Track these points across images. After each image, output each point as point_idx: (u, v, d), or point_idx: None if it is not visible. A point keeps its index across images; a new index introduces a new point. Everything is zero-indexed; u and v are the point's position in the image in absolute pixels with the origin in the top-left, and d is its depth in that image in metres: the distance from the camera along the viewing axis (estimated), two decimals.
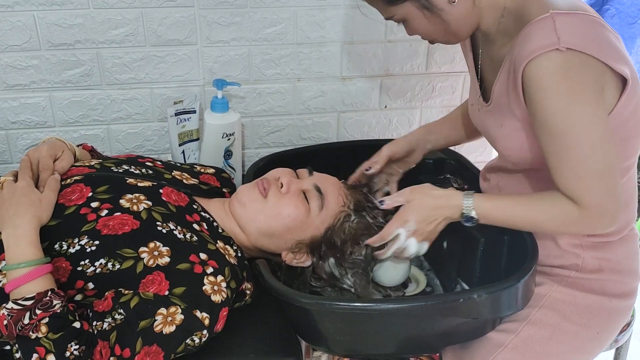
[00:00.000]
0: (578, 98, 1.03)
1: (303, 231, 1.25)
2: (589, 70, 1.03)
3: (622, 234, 1.25)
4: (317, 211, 1.25)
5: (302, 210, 1.24)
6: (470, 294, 1.11)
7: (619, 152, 1.12)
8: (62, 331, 0.97)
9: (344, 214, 1.27)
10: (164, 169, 1.32)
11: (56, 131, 1.67)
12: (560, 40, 1.00)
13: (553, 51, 1.01)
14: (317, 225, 1.25)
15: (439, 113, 1.89)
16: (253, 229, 1.25)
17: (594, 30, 1.05)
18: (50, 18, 1.53)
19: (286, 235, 1.25)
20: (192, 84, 1.69)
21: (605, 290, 1.24)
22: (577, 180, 1.06)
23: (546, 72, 1.02)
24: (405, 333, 1.17)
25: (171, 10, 1.59)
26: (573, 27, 1.03)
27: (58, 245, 1.08)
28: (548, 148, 1.08)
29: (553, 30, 1.02)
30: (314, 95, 1.78)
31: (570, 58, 1.01)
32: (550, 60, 1.02)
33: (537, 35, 1.03)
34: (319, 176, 1.31)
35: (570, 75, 1.02)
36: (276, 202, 1.24)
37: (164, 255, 1.09)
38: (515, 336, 1.21)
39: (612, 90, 1.07)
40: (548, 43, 1.01)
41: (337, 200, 1.28)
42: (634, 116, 1.12)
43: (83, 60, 1.60)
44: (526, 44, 1.04)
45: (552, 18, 1.03)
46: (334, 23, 1.70)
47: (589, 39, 1.03)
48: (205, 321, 1.05)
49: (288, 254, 1.25)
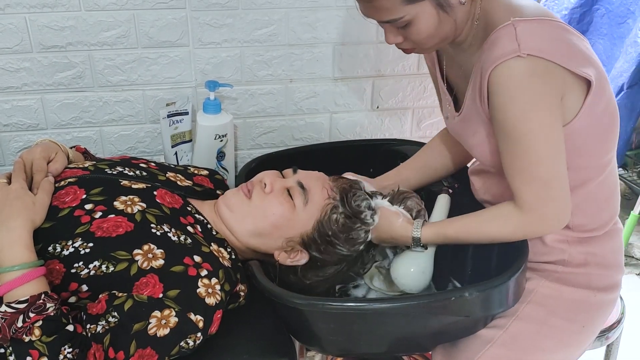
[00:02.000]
0: (536, 105, 1.07)
1: (291, 228, 1.25)
2: (550, 76, 1.06)
3: (606, 228, 1.28)
4: (302, 206, 1.26)
5: (286, 207, 1.25)
6: (462, 292, 1.12)
7: (597, 150, 1.18)
8: (56, 334, 0.97)
9: (330, 206, 1.27)
10: (158, 170, 1.33)
11: (48, 133, 1.67)
12: (520, 46, 1.04)
13: (514, 58, 1.04)
14: (304, 220, 1.26)
15: (430, 113, 1.90)
16: (242, 231, 1.25)
17: (555, 35, 1.09)
18: (41, 20, 1.53)
19: (275, 234, 1.25)
20: (185, 86, 1.70)
21: (591, 284, 1.26)
22: (524, 183, 1.13)
23: (508, 78, 1.06)
24: (397, 332, 1.18)
25: (163, 12, 1.59)
26: (533, 33, 1.06)
27: (52, 248, 1.08)
28: (502, 148, 1.14)
29: (514, 37, 1.05)
30: (306, 96, 1.79)
31: (531, 64, 1.05)
32: (512, 66, 1.05)
33: (500, 42, 1.07)
34: (302, 173, 1.32)
35: (531, 82, 1.06)
36: (260, 202, 1.25)
37: (158, 257, 1.09)
38: (504, 332, 1.23)
39: (576, 93, 1.11)
40: (509, 50, 1.05)
41: (321, 194, 1.28)
42: (607, 113, 1.16)
43: (75, 63, 1.60)
44: (490, 52, 1.08)
45: (513, 25, 1.06)
46: (326, 24, 1.70)
47: (550, 45, 1.06)
48: (199, 324, 1.06)
49: (281, 253, 1.26)
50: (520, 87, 1.06)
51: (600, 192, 1.24)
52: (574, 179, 1.19)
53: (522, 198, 1.13)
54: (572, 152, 1.15)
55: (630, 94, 2.26)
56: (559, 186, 1.13)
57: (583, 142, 1.16)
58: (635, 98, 2.27)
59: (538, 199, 1.13)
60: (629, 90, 2.25)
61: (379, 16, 1.12)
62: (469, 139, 1.27)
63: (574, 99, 1.11)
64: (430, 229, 1.24)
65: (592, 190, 1.23)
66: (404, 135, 1.92)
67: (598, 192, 1.24)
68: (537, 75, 1.06)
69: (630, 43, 2.21)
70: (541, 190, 1.12)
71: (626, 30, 2.26)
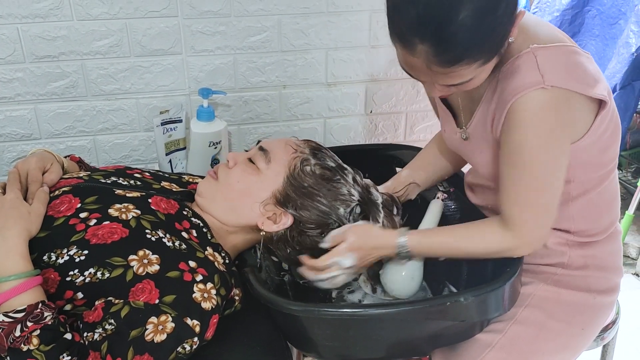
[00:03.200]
0: (554, 136, 1.09)
1: (261, 190, 1.26)
2: (570, 106, 1.08)
3: (607, 232, 1.28)
4: (265, 166, 1.27)
5: (249, 171, 1.27)
6: (457, 297, 1.12)
7: (600, 162, 1.20)
8: (54, 343, 0.97)
9: (299, 159, 1.28)
10: (152, 179, 1.33)
11: (42, 143, 1.67)
12: (544, 78, 1.04)
13: (539, 89, 1.05)
14: (271, 178, 1.27)
15: (424, 117, 1.91)
16: (218, 212, 1.27)
17: (572, 62, 1.09)
18: (33, 31, 1.54)
19: (247, 201, 1.26)
20: (178, 94, 1.70)
21: (590, 287, 1.27)
22: (519, 207, 1.14)
23: (531, 109, 1.07)
24: (394, 337, 1.18)
25: (155, 21, 1.59)
26: (554, 63, 1.07)
27: (47, 257, 1.08)
28: (506, 171, 1.15)
29: (536, 67, 1.06)
30: (299, 102, 1.80)
31: (555, 96, 1.06)
32: (536, 98, 1.06)
33: (522, 71, 1.07)
34: (265, 141, 1.35)
35: (553, 114, 1.07)
36: (225, 177, 1.28)
37: (154, 263, 1.09)
38: (503, 336, 1.23)
39: (588, 114, 1.12)
40: (533, 81, 1.05)
41: (285, 150, 1.29)
42: (610, 126, 1.17)
43: (68, 72, 1.60)
44: (511, 80, 1.08)
45: (534, 53, 1.07)
46: (318, 30, 1.71)
47: (568, 73, 1.07)
48: (196, 328, 1.06)
49: (264, 222, 1.26)
50: (543, 119, 1.07)
51: (601, 199, 1.25)
52: (576, 189, 1.20)
53: (512, 220, 1.15)
54: (575, 167, 1.16)
55: (623, 95, 2.27)
56: (550, 214, 1.16)
57: (587, 156, 1.17)
58: (628, 98, 2.28)
59: (528, 223, 1.15)
60: (621, 90, 2.26)
61: (449, 81, 1.06)
62: (473, 157, 1.28)
63: (586, 120, 1.13)
64: (416, 237, 1.24)
65: (594, 198, 1.24)
66: (398, 139, 1.92)
67: (600, 199, 1.25)
68: (560, 106, 1.07)
69: (622, 44, 2.23)
70: (535, 216, 1.14)
71: (618, 31, 2.28)
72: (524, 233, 1.15)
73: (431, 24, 0.97)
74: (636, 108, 2.33)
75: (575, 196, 1.21)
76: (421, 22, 0.98)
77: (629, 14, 2.22)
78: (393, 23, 1.04)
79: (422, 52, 1.01)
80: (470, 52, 1.00)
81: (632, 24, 2.19)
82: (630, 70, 2.22)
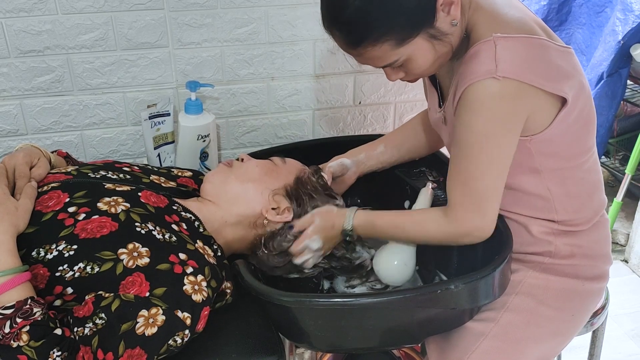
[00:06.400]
0: (498, 126, 1.10)
1: (274, 178, 1.33)
2: (520, 99, 1.09)
3: (592, 222, 1.29)
4: (281, 162, 1.37)
5: (266, 161, 1.36)
6: (448, 285, 1.13)
7: (571, 152, 1.21)
8: (44, 339, 0.96)
9: (307, 173, 1.37)
10: (141, 173, 1.32)
11: (29, 139, 1.66)
12: (497, 68, 1.05)
13: (490, 79, 1.06)
14: (285, 173, 1.35)
15: (412, 107, 1.91)
16: (227, 195, 1.30)
17: (533, 55, 1.10)
18: (18, 25, 1.52)
19: (258, 185, 1.31)
20: (165, 87, 1.69)
21: (579, 274, 1.28)
22: (460, 193, 1.17)
23: (479, 97, 1.08)
24: (385, 326, 1.18)
25: (141, 14, 1.58)
26: (512, 53, 1.07)
27: (35, 252, 1.07)
28: (451, 154, 1.18)
29: (493, 56, 1.07)
30: (288, 93, 1.79)
31: (504, 87, 1.07)
32: (485, 86, 1.07)
33: (479, 58, 1.09)
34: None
35: (500, 103, 1.08)
36: (241, 164, 1.36)
37: (144, 256, 1.09)
38: (495, 324, 1.24)
39: (548, 108, 1.13)
40: (487, 70, 1.06)
41: (295, 163, 1.40)
42: (580, 118, 1.17)
43: (53, 67, 1.59)
44: (469, 65, 1.10)
45: (494, 42, 1.08)
46: (305, 21, 1.70)
47: (526, 66, 1.08)
48: (186, 321, 1.06)
49: (268, 210, 1.29)
50: (489, 107, 1.09)
51: (582, 190, 1.26)
52: (551, 179, 1.21)
53: (451, 204, 1.18)
54: (542, 157, 1.18)
55: (610, 83, 2.28)
56: (492, 204, 1.16)
57: (555, 148, 1.18)
58: (615, 86, 2.28)
59: (464, 207, 1.17)
60: (608, 78, 2.26)
61: (374, 64, 1.14)
62: (445, 137, 1.31)
63: (545, 114, 1.14)
64: (362, 216, 1.29)
65: (572, 190, 1.24)
66: (387, 130, 1.92)
67: (579, 190, 1.25)
68: (508, 98, 1.08)
69: (609, 32, 2.23)
70: (471, 200, 1.16)
71: (604, 19, 2.28)
72: (458, 217, 1.17)
73: (333, 12, 1.09)
74: (623, 96, 2.34)
75: (552, 187, 1.22)
76: (328, 12, 1.11)
77: (615, 1, 2.22)
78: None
79: (337, 38, 1.12)
80: (370, 32, 1.06)
81: (618, 11, 2.19)
82: (617, 58, 2.22)
